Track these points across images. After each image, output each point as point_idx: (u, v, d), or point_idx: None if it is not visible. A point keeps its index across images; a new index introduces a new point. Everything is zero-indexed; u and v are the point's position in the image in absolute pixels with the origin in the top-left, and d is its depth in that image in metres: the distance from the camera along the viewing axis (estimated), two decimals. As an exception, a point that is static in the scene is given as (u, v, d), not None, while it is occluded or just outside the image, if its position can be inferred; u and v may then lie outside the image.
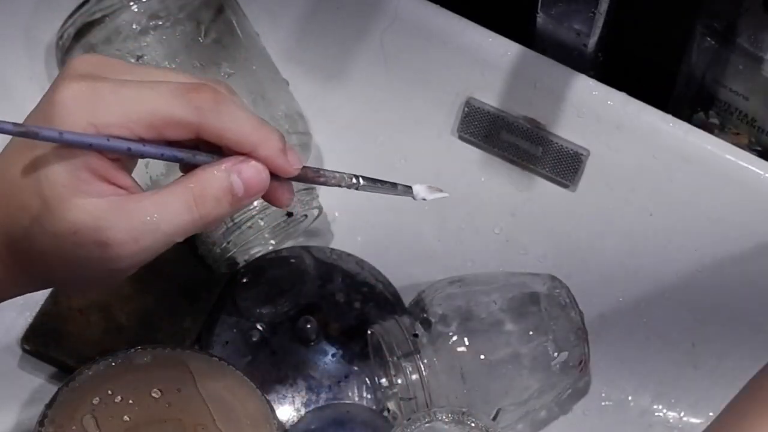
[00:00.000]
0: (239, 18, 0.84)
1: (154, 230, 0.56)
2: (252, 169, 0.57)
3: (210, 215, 0.57)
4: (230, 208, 0.57)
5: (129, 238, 0.56)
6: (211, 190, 0.57)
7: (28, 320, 0.85)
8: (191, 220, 0.57)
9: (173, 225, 0.56)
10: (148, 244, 0.56)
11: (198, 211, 0.57)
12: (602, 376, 0.85)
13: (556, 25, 0.83)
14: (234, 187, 0.57)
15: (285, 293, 0.87)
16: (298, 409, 0.84)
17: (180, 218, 0.56)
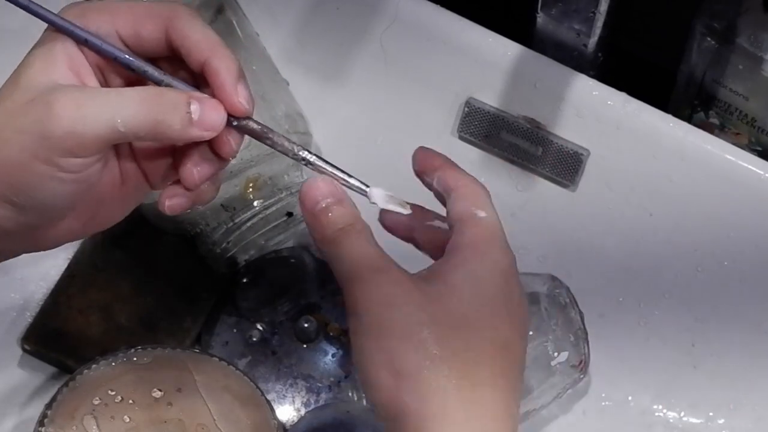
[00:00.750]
0: (239, 18, 0.84)
1: (99, 103, 0.56)
2: (211, 102, 0.58)
3: (160, 116, 0.57)
4: (179, 122, 0.57)
5: (71, 101, 0.56)
6: (170, 95, 0.58)
7: (28, 320, 0.85)
8: (140, 115, 0.56)
9: (121, 107, 0.56)
10: (89, 116, 0.56)
11: (150, 108, 0.57)
12: (602, 376, 0.85)
13: (556, 25, 0.83)
14: (191, 106, 0.57)
15: (285, 293, 0.87)
16: (298, 409, 0.84)
17: (130, 105, 0.57)
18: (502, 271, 0.59)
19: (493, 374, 0.56)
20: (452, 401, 0.55)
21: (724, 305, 0.85)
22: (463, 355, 0.56)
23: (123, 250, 0.87)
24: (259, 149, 0.81)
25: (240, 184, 0.82)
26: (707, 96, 0.86)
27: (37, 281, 0.87)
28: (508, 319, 0.58)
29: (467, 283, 0.58)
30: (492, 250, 0.59)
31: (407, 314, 0.56)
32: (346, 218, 0.59)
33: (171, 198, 0.61)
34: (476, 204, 0.61)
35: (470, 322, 0.57)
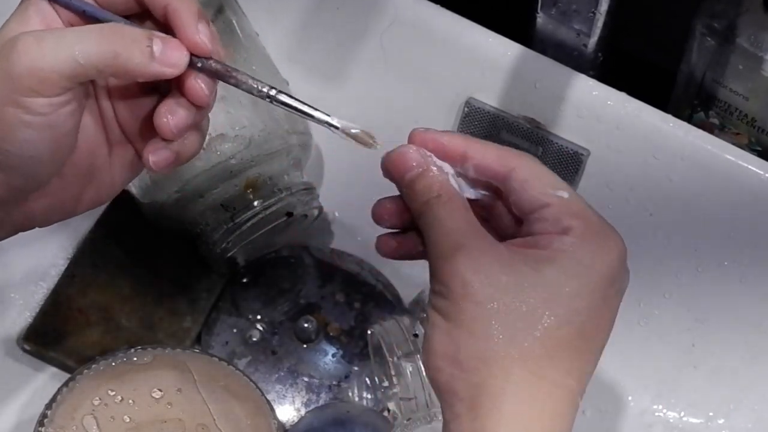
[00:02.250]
0: (239, 18, 0.84)
1: (58, 37, 0.56)
2: (173, 40, 0.58)
3: (119, 48, 0.56)
4: (140, 56, 0.57)
5: (32, 39, 0.56)
6: (131, 30, 0.58)
7: (28, 320, 0.85)
8: (99, 47, 0.56)
9: (80, 41, 0.56)
10: (48, 49, 0.56)
11: (109, 41, 0.56)
12: (602, 376, 0.85)
13: (556, 25, 0.83)
14: (152, 41, 0.57)
15: (285, 293, 0.87)
16: (298, 409, 0.84)
17: (89, 38, 0.56)
18: (611, 263, 0.55)
19: (568, 374, 0.54)
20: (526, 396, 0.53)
21: (724, 305, 0.85)
22: (548, 351, 0.53)
23: (123, 249, 0.87)
24: (259, 149, 0.81)
25: (240, 184, 0.82)
26: (707, 96, 0.86)
27: (37, 281, 0.87)
28: (604, 324, 0.55)
29: (568, 286, 0.54)
30: (599, 238, 0.55)
31: (503, 296, 0.54)
32: (430, 190, 0.57)
33: (154, 152, 0.60)
34: (552, 183, 0.57)
35: (566, 319, 0.54)
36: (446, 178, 0.57)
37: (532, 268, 0.54)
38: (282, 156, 0.83)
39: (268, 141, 0.82)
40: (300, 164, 0.85)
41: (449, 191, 0.57)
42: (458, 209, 0.56)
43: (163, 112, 0.59)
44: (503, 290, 0.54)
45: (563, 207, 0.56)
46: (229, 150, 0.80)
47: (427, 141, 0.59)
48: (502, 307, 0.53)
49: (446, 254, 0.55)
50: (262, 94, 0.59)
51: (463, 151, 0.58)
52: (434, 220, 0.56)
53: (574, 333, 0.54)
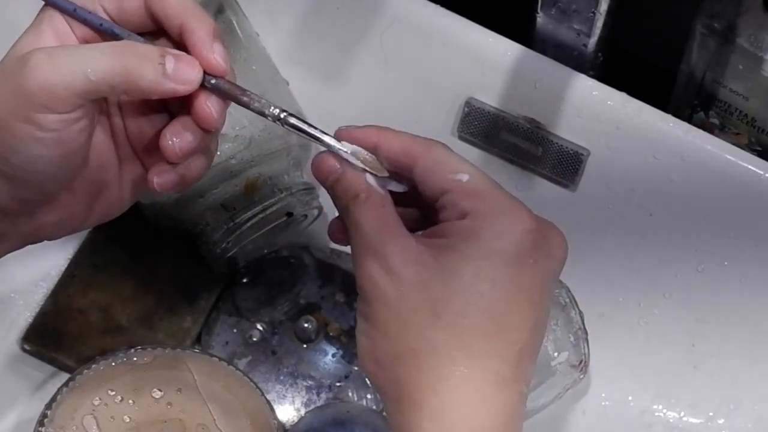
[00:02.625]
0: (239, 18, 0.84)
1: (71, 54, 0.56)
2: (186, 57, 0.58)
3: (131, 65, 0.56)
4: (153, 73, 0.57)
5: (44, 56, 0.56)
6: (143, 47, 0.58)
7: (28, 320, 0.85)
8: (111, 64, 0.56)
9: (92, 57, 0.56)
10: (60, 66, 0.56)
11: (121, 58, 0.56)
12: (602, 376, 0.85)
13: (556, 25, 0.83)
14: (165, 58, 0.57)
15: (285, 293, 0.87)
16: (298, 409, 0.84)
17: (101, 55, 0.56)
18: (514, 242, 0.55)
19: (487, 358, 0.54)
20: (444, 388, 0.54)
21: (724, 305, 0.85)
22: (458, 340, 0.54)
23: (123, 250, 0.87)
24: (259, 149, 0.81)
25: (240, 184, 0.82)
26: (707, 96, 0.86)
27: (37, 281, 0.87)
28: (520, 304, 0.55)
29: (467, 270, 0.54)
30: (500, 217, 0.55)
31: (407, 293, 0.55)
32: (346, 192, 0.58)
33: (159, 174, 0.60)
34: (450, 168, 0.57)
35: (469, 305, 0.54)
36: (363, 177, 0.58)
37: (433, 259, 0.55)
38: (282, 156, 0.83)
39: (268, 141, 0.82)
40: (300, 164, 0.85)
41: (365, 191, 0.57)
42: (373, 209, 0.57)
43: (169, 135, 0.59)
44: (409, 287, 0.55)
45: (461, 191, 0.56)
46: (229, 150, 0.80)
47: (344, 137, 0.59)
48: (408, 304, 0.54)
49: (360, 257, 0.56)
50: (273, 115, 0.60)
51: (374, 143, 0.59)
52: (351, 223, 0.57)
53: (483, 317, 0.54)
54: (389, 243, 0.56)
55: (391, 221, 0.57)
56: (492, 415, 0.54)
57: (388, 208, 0.57)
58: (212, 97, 0.59)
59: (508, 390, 0.54)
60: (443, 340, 0.54)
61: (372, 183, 0.58)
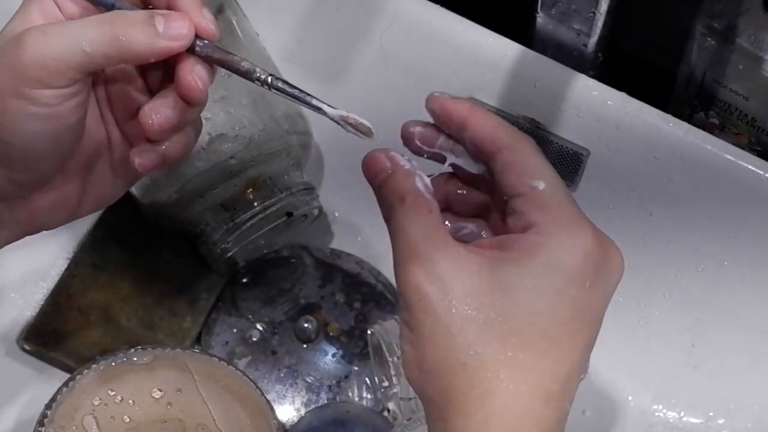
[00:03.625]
0: (239, 18, 0.84)
1: (63, 28, 0.57)
2: (175, 14, 0.57)
3: (121, 33, 0.56)
4: (144, 36, 0.57)
5: (38, 32, 0.56)
6: (132, 13, 0.58)
7: (28, 320, 0.85)
8: (103, 33, 0.56)
9: (85, 30, 0.56)
10: (54, 40, 0.56)
11: (112, 27, 0.56)
12: (602, 376, 0.85)
13: (556, 25, 0.83)
14: (155, 19, 0.57)
15: (285, 293, 0.87)
16: (298, 409, 0.84)
17: (93, 26, 0.57)
18: (576, 261, 0.53)
19: (537, 375, 0.53)
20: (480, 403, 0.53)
21: (724, 305, 0.85)
22: (509, 355, 0.52)
23: (123, 249, 0.87)
24: (259, 149, 0.81)
25: (240, 184, 0.82)
26: (707, 96, 0.86)
27: (37, 281, 0.87)
28: (575, 324, 0.54)
29: (523, 286, 0.53)
30: (564, 234, 0.53)
31: (458, 305, 0.53)
32: (393, 194, 0.56)
33: (140, 154, 0.60)
34: (529, 172, 0.55)
35: (525, 322, 0.53)
36: (412, 180, 0.56)
37: (489, 273, 0.53)
38: (282, 156, 0.83)
39: (268, 141, 0.82)
40: (300, 164, 0.85)
41: (413, 194, 0.55)
42: (419, 214, 0.55)
43: (148, 111, 0.58)
44: (460, 298, 0.53)
45: (533, 199, 0.54)
46: (229, 150, 0.80)
47: (435, 105, 0.58)
48: (458, 317, 0.53)
49: (404, 264, 0.54)
50: (261, 80, 0.59)
51: (464, 119, 0.57)
52: (395, 227, 0.55)
53: (536, 335, 0.53)
54: (438, 250, 0.54)
55: (439, 228, 0.55)
56: (536, 429, 0.53)
57: (435, 215, 0.55)
58: (197, 67, 0.58)
59: (554, 408, 0.53)
60: (494, 356, 0.53)
61: (421, 187, 0.56)
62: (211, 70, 0.59)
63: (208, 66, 0.59)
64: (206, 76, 0.59)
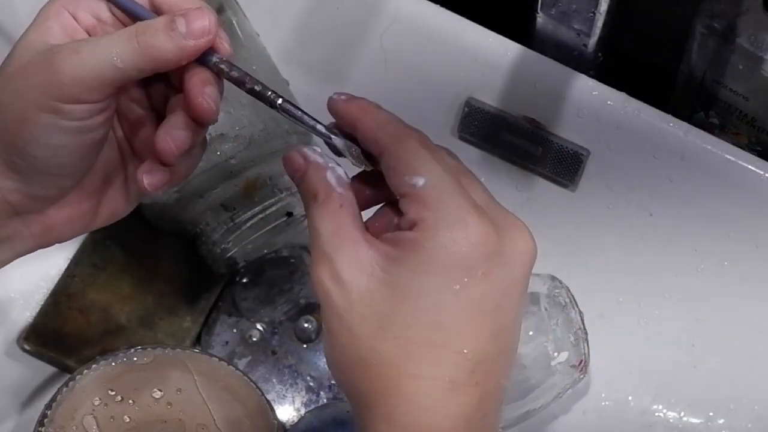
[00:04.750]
0: (239, 18, 0.84)
1: (94, 45, 0.57)
2: (193, 11, 0.58)
3: (148, 44, 0.57)
4: (170, 42, 0.57)
5: (70, 51, 0.57)
6: (153, 23, 0.58)
7: (28, 320, 0.85)
8: (132, 47, 0.57)
9: (114, 45, 0.57)
10: (87, 58, 0.57)
11: (140, 38, 0.57)
12: (602, 376, 0.85)
13: (556, 25, 0.83)
14: (176, 22, 0.58)
15: (285, 293, 0.87)
16: (298, 409, 0.84)
17: (121, 41, 0.57)
18: (461, 254, 0.53)
19: (437, 367, 0.54)
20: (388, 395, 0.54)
21: (724, 305, 0.85)
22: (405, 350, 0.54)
23: (123, 249, 0.87)
24: (259, 149, 0.81)
25: (240, 184, 0.82)
26: (707, 96, 0.86)
27: (37, 281, 0.87)
28: (467, 315, 0.54)
29: (410, 283, 0.54)
30: (448, 228, 0.54)
31: (355, 304, 0.54)
32: (307, 192, 0.57)
33: (150, 173, 0.60)
34: (409, 170, 0.55)
35: (413, 317, 0.54)
36: (323, 175, 0.57)
37: (381, 270, 0.54)
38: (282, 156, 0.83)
39: (268, 141, 0.82)
40: (300, 164, 0.85)
41: (324, 191, 0.57)
42: (330, 212, 0.56)
43: (163, 136, 0.59)
44: (357, 298, 0.54)
45: (414, 197, 0.55)
46: (229, 150, 0.80)
47: (331, 107, 0.59)
48: (356, 316, 0.54)
49: (314, 262, 0.56)
50: (269, 99, 0.59)
51: (353, 122, 0.58)
52: (309, 226, 0.57)
53: (429, 328, 0.54)
54: (340, 250, 0.55)
55: (346, 224, 0.56)
56: (447, 418, 0.54)
57: (347, 210, 0.56)
58: (208, 89, 0.59)
59: (464, 394, 0.54)
60: (391, 351, 0.54)
61: (333, 182, 0.57)
62: (221, 89, 0.60)
63: (218, 85, 0.60)
64: (218, 96, 0.59)
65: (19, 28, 0.61)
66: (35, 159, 0.58)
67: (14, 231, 0.61)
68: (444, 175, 0.55)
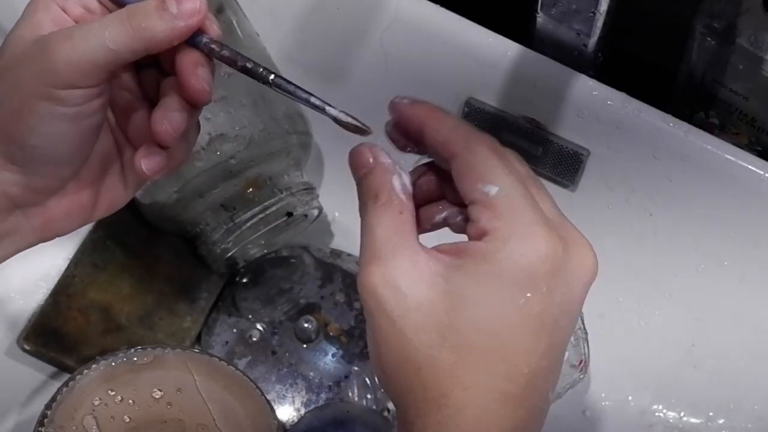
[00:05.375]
0: (239, 18, 0.84)
1: (86, 30, 0.58)
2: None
3: (141, 25, 0.57)
4: (162, 22, 0.58)
5: (63, 37, 0.57)
6: (144, 5, 0.58)
7: (28, 320, 0.85)
8: (124, 29, 0.57)
9: (106, 28, 0.57)
10: (80, 42, 0.57)
11: (131, 21, 0.58)
12: (602, 376, 0.85)
13: (556, 25, 0.83)
14: (167, 3, 0.58)
15: (285, 293, 0.87)
16: (298, 409, 0.84)
17: (112, 24, 0.58)
18: (525, 268, 0.53)
19: (490, 377, 0.54)
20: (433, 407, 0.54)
21: (724, 305, 0.85)
22: (459, 359, 0.53)
23: (123, 250, 0.87)
24: (259, 149, 0.81)
25: (240, 184, 0.82)
26: (707, 96, 0.86)
27: (37, 281, 0.87)
28: (524, 330, 0.54)
29: (474, 294, 0.53)
30: (517, 241, 0.53)
31: (411, 312, 0.54)
32: (368, 192, 0.56)
33: (147, 157, 0.60)
34: (482, 177, 0.54)
35: (470, 328, 0.53)
36: (389, 178, 0.56)
37: (443, 279, 0.54)
38: (282, 156, 0.83)
39: (268, 141, 0.82)
40: (300, 164, 0.85)
41: (387, 193, 0.56)
42: (389, 215, 0.55)
43: (159, 119, 0.59)
44: (414, 306, 0.53)
45: (485, 205, 0.54)
46: (229, 150, 0.80)
47: (394, 109, 0.59)
48: (411, 323, 0.53)
49: (364, 264, 0.55)
50: (262, 76, 0.59)
51: (421, 126, 0.57)
52: (364, 225, 0.56)
53: (487, 340, 0.53)
54: (398, 254, 0.54)
55: (405, 231, 0.55)
56: (497, 429, 0.54)
57: (406, 217, 0.56)
58: (200, 70, 0.59)
59: (517, 406, 0.54)
60: (446, 361, 0.53)
61: (397, 187, 0.56)
62: (213, 69, 0.60)
63: (209, 65, 0.60)
64: (210, 77, 0.60)
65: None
66: (34, 149, 0.59)
67: (14, 225, 0.61)
68: (516, 185, 0.54)
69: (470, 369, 0.53)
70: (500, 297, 0.53)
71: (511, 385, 0.54)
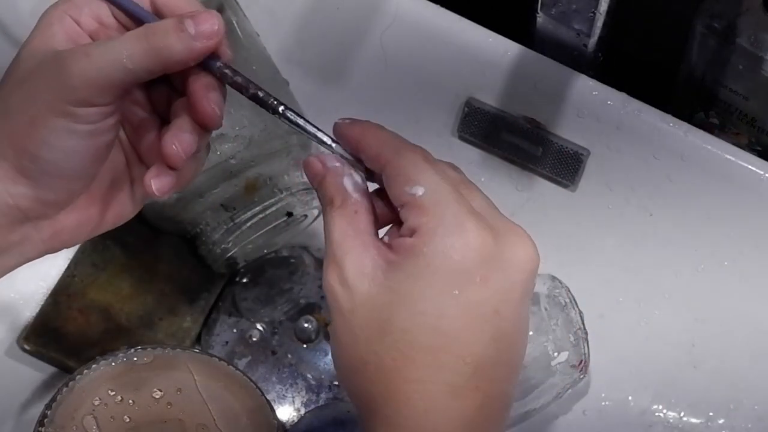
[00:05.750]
0: (239, 18, 0.84)
1: (104, 48, 0.58)
2: (201, 13, 0.59)
3: (158, 45, 0.58)
4: (179, 42, 0.58)
5: (81, 54, 0.58)
6: (162, 24, 0.59)
7: (28, 320, 0.85)
8: (142, 48, 0.58)
9: (123, 47, 0.58)
10: (98, 60, 0.57)
11: (148, 39, 0.58)
12: (602, 376, 0.85)
13: (556, 25, 0.83)
14: (185, 24, 0.58)
15: (285, 293, 0.87)
16: (298, 409, 0.84)
17: (130, 43, 0.58)
18: (459, 259, 0.54)
19: (437, 370, 0.55)
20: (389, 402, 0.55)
21: (724, 305, 0.85)
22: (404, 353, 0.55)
23: (123, 250, 0.87)
24: (259, 149, 0.81)
25: (240, 184, 0.82)
26: (707, 96, 0.86)
27: (37, 281, 0.87)
28: (467, 319, 0.55)
29: (410, 288, 0.55)
30: (447, 234, 0.55)
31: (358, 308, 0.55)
32: (324, 197, 0.59)
33: (157, 177, 0.60)
34: (409, 180, 0.56)
35: (412, 322, 0.55)
36: (340, 181, 0.58)
37: (383, 275, 0.56)
38: (282, 156, 0.83)
39: (268, 141, 0.82)
40: (300, 164, 0.85)
41: (340, 196, 0.58)
42: (344, 216, 0.57)
43: (170, 141, 0.59)
44: (360, 301, 0.56)
45: (413, 205, 0.56)
46: (229, 150, 0.80)
47: (334, 131, 0.60)
48: (358, 319, 0.55)
49: (325, 264, 0.57)
50: (271, 106, 0.60)
51: (356, 142, 0.59)
52: (325, 229, 0.58)
53: (427, 334, 0.55)
54: (348, 254, 0.56)
55: (359, 230, 0.57)
56: (447, 422, 0.55)
57: (361, 216, 0.58)
58: (212, 95, 0.60)
59: (465, 398, 0.55)
60: (390, 355, 0.55)
61: (349, 188, 0.58)
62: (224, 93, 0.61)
63: (221, 89, 0.60)
64: (221, 101, 0.60)
65: (22, 28, 0.61)
66: (47, 163, 0.59)
67: (24, 236, 0.62)
68: (443, 184, 0.56)
69: (413, 362, 0.55)
70: (435, 290, 0.55)
71: (456, 376, 0.55)
